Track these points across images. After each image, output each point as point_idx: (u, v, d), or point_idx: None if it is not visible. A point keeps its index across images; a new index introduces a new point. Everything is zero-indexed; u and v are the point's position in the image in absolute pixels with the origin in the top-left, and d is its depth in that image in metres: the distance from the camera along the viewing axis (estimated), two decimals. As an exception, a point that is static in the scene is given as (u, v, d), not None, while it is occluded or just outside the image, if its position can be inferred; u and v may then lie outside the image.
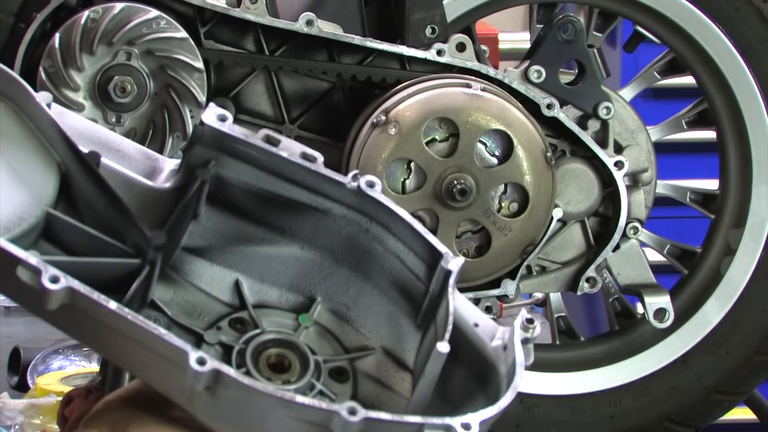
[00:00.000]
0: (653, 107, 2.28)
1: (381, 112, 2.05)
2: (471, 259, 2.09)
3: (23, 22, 2.07)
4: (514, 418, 2.27)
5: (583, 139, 2.18)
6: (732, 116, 2.26)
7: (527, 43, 2.26)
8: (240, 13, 2.08)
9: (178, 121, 2.04)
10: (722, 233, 2.30)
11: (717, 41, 2.23)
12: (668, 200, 2.32)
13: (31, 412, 2.35)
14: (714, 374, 2.28)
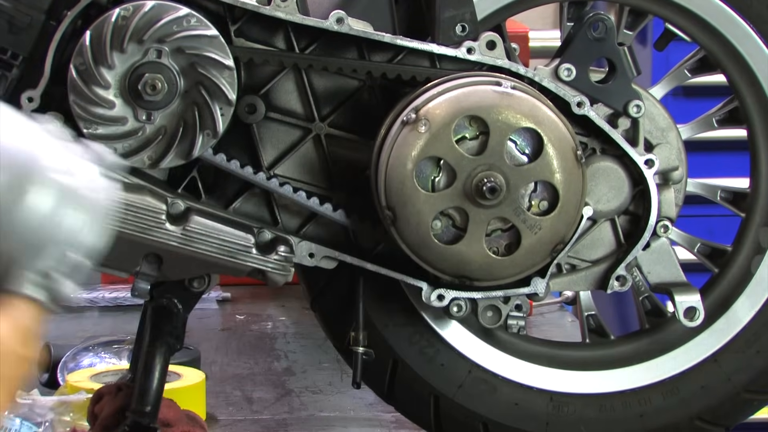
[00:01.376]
0: (684, 105, 2.28)
1: (411, 110, 2.05)
2: (501, 258, 2.09)
3: (54, 19, 2.08)
4: (543, 416, 2.27)
5: (614, 137, 2.18)
6: (763, 114, 2.26)
7: (557, 41, 2.26)
8: (270, 11, 2.09)
9: (209, 118, 2.05)
10: (753, 232, 2.30)
11: (748, 39, 2.23)
12: (699, 198, 2.31)
13: (62, 409, 2.36)
14: (744, 373, 2.28)
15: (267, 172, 2.14)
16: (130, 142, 2.06)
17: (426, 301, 2.16)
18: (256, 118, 2.13)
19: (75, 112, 2.05)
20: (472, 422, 2.27)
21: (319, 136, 2.15)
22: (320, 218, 2.16)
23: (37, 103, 2.06)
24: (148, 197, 2.09)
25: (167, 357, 2.15)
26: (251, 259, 2.12)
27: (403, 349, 2.24)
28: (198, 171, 2.13)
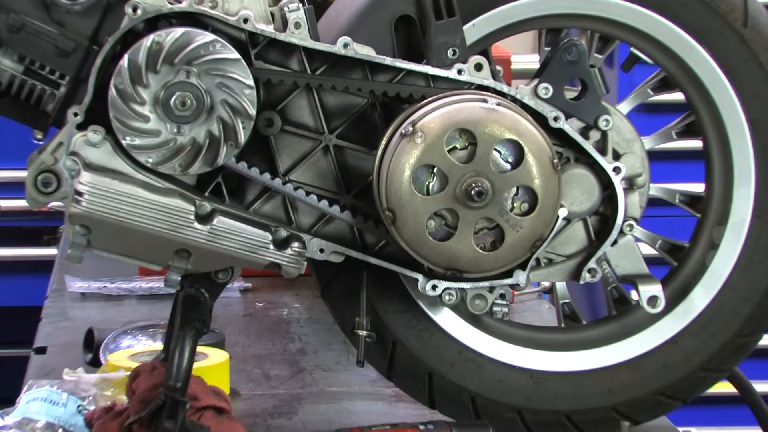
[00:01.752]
0: (646, 120, 2.29)
1: (409, 124, 2.06)
2: (487, 253, 2.09)
3: (96, 44, 2.08)
4: (524, 391, 2.28)
5: (586, 148, 2.18)
6: (716, 128, 2.26)
7: (536, 64, 2.26)
8: (286, 37, 2.09)
9: (232, 131, 2.05)
10: (707, 230, 2.30)
11: (703, 62, 2.23)
12: (660, 201, 2.32)
13: (103, 385, 2.36)
14: (700, 354, 2.29)
15: (283, 177, 2.14)
16: (163, 152, 2.06)
17: (421, 290, 2.16)
18: (273, 131, 2.13)
19: (115, 125, 2.05)
20: (462, 396, 2.27)
21: (328, 146, 2.15)
22: (329, 218, 2.16)
23: (82, 117, 2.06)
24: (178, 200, 2.09)
25: (195, 339, 2.15)
26: (269, 254, 2.12)
27: (401, 333, 2.25)
28: (222, 177, 2.13)
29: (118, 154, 2.07)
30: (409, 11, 2.16)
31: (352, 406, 2.52)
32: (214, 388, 2.29)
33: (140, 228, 2.08)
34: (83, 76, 2.08)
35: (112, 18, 2.09)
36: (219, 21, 2.08)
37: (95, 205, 2.06)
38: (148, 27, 2.07)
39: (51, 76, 2.11)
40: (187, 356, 2.13)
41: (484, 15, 2.20)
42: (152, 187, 2.08)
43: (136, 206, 2.07)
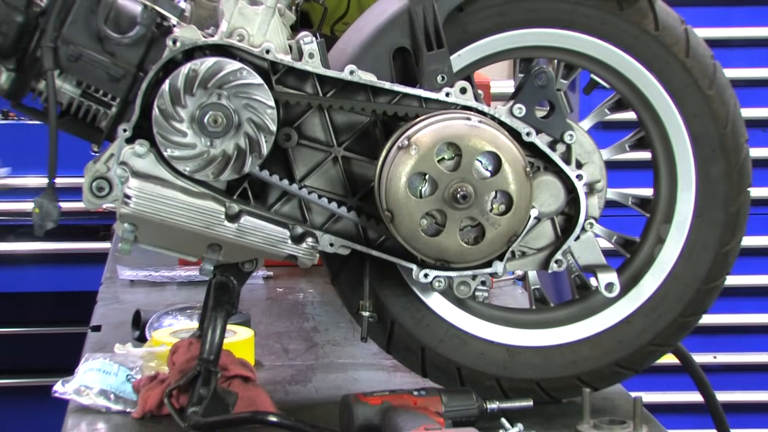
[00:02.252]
0: (604, 135, 2.29)
1: (405, 138, 2.06)
2: (470, 246, 2.09)
3: (142, 71, 2.08)
4: (501, 363, 2.27)
5: (553, 158, 2.18)
6: (663, 142, 2.27)
7: (512, 88, 2.28)
8: (301, 66, 2.09)
9: (256, 144, 2.05)
10: (655, 227, 2.30)
11: (652, 86, 2.23)
12: (615, 203, 2.31)
13: (148, 358, 2.36)
14: (649, 331, 2.29)
15: (299, 183, 2.13)
16: (198, 162, 2.06)
17: (415, 278, 2.15)
18: (291, 144, 2.12)
19: (158, 139, 2.05)
20: (449, 367, 2.27)
21: (337, 157, 2.15)
22: (338, 217, 2.15)
23: (130, 133, 2.06)
24: (211, 202, 2.08)
25: (226, 319, 2.15)
26: (287, 247, 2.12)
27: (398, 313, 2.24)
28: (248, 182, 2.12)
29: (160, 164, 2.07)
30: (404, 43, 2.15)
31: (357, 375, 2.52)
32: (241, 360, 2.29)
33: (179, 226, 2.08)
34: (131, 98, 2.08)
35: (155, 49, 2.09)
36: (245, 52, 2.07)
37: (141, 207, 2.06)
38: (185, 57, 2.06)
39: (104, 98, 2.11)
40: (219, 333, 2.12)
41: (468, 47, 2.20)
42: (189, 192, 2.08)
43: (176, 207, 2.07)
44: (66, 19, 2.07)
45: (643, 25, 2.21)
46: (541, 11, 2.20)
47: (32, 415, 4.73)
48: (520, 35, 2.21)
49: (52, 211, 2.07)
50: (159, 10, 2.09)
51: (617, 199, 2.32)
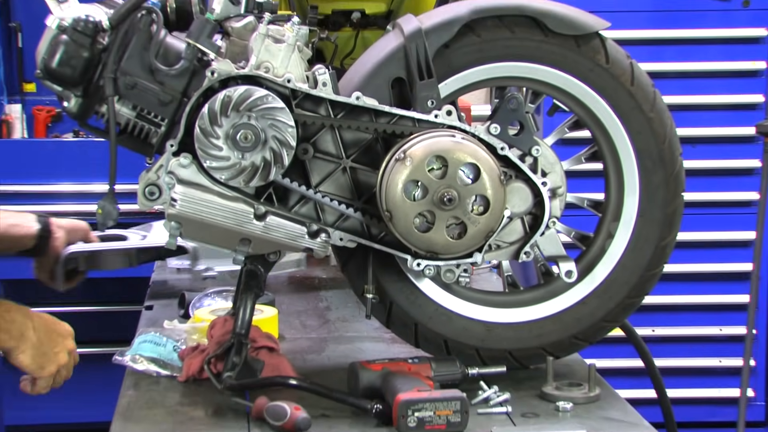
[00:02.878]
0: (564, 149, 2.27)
1: (401, 152, 2.05)
2: (455, 240, 2.08)
3: (186, 97, 2.08)
4: (481, 336, 2.26)
5: (523, 168, 2.18)
6: (612, 155, 2.26)
7: (488, 111, 2.26)
8: (316, 92, 2.09)
9: (279, 157, 2.05)
10: (606, 225, 2.30)
11: (603, 110, 2.23)
12: (573, 205, 2.30)
13: (191, 332, 2.36)
14: (601, 310, 2.27)
15: (314, 189, 2.12)
16: (232, 171, 2.04)
17: (409, 266, 2.14)
18: (308, 157, 2.11)
19: (199, 153, 2.04)
20: (437, 340, 2.25)
21: (346, 167, 2.13)
22: (346, 217, 2.14)
23: (176, 148, 2.05)
24: (242, 204, 2.07)
25: (254, 300, 2.14)
26: (305, 242, 2.11)
27: (395, 295, 2.23)
28: (273, 188, 2.11)
29: (200, 173, 2.06)
30: (401, 74, 2.14)
31: (362, 346, 2.50)
32: (267, 333, 2.28)
33: (216, 224, 2.06)
34: (177, 119, 2.07)
35: (197, 79, 2.07)
36: (270, 81, 2.06)
37: (185, 208, 2.05)
38: (221, 85, 2.05)
39: (155, 119, 2.10)
40: (249, 311, 2.12)
41: (453, 77, 2.18)
42: (224, 195, 2.07)
43: (213, 209, 2.06)
44: (124, 54, 2.06)
45: (596, 59, 2.19)
46: (513, 48, 2.18)
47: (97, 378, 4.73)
48: (495, 68, 2.19)
49: (112, 211, 2.07)
50: (200, 47, 2.08)
51: (575, 202, 2.31)
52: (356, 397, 2.03)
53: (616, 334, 2.43)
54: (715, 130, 4.60)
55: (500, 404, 2.08)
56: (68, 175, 4.76)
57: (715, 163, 4.59)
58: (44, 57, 2.06)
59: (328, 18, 3.34)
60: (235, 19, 2.13)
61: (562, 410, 2.07)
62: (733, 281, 4.63)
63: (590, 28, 2.19)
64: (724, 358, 4.67)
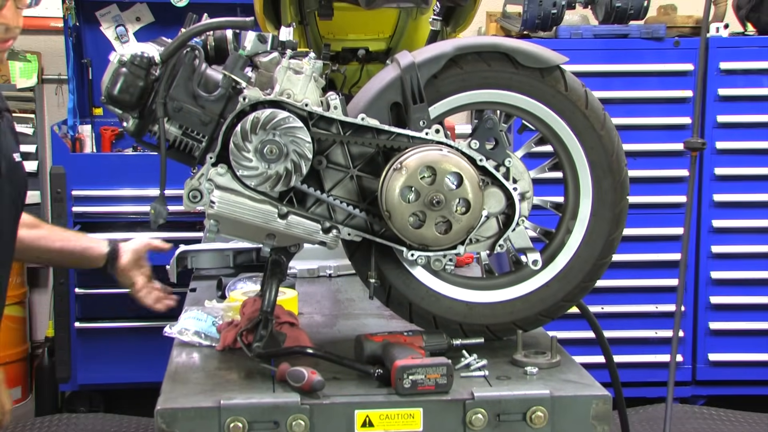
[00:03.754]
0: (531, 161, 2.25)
1: (398, 163, 2.03)
2: (442, 235, 2.06)
3: (223, 118, 2.06)
4: (463, 312, 2.23)
5: (498, 177, 2.16)
6: (570, 165, 2.24)
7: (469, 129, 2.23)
8: (329, 114, 2.07)
9: (298, 167, 2.04)
10: (565, 223, 2.27)
11: (563, 128, 2.21)
12: (538, 206, 2.28)
13: (227, 310, 2.34)
14: (562, 292, 2.25)
15: (327, 193, 2.10)
16: (260, 179, 2.02)
17: (405, 256, 2.12)
18: (322, 167, 2.08)
19: (233, 164, 2.01)
20: (428, 316, 2.22)
21: (353, 175, 2.11)
22: (354, 216, 2.11)
23: (214, 160, 2.03)
24: (268, 206, 2.05)
25: (278, 284, 2.12)
26: (319, 236, 2.08)
27: (394, 280, 2.20)
28: (293, 192, 2.08)
29: (234, 180, 2.03)
30: (398, 99, 2.11)
31: (366, 322, 2.48)
32: (289, 311, 2.25)
33: (247, 221, 2.04)
34: (215, 136, 2.05)
35: (231, 103, 2.05)
36: (291, 105, 2.04)
37: (222, 208, 2.03)
38: (251, 108, 2.03)
39: (197, 137, 2.07)
40: (274, 293, 2.09)
41: (440, 102, 2.15)
42: (253, 198, 2.04)
43: (245, 209, 2.03)
44: (172, 83, 2.04)
45: (557, 87, 2.17)
46: (490, 78, 2.15)
47: (151, 347, 4.70)
48: (475, 94, 2.16)
49: (162, 212, 2.05)
50: (234, 77, 2.06)
51: (540, 204, 2.29)
52: (361, 363, 2.01)
53: (573, 312, 2.41)
54: (652, 145, 4.59)
55: (479, 369, 2.06)
56: (128, 182, 4.77)
57: (652, 172, 4.59)
58: (108, 86, 2.04)
59: (339, 54, 3.31)
60: (262, 54, 2.11)
61: (529, 374, 2.05)
62: (666, 268, 4.63)
63: (552, 62, 2.16)
64: (659, 330, 4.67)
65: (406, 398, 1.90)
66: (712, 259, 4.64)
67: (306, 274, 2.93)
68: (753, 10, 4.72)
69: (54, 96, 5.47)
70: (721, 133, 4.57)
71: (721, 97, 4.55)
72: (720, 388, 4.72)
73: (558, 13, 4.46)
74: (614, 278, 4.54)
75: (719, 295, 4.66)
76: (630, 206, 2.26)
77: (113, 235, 4.65)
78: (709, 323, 4.67)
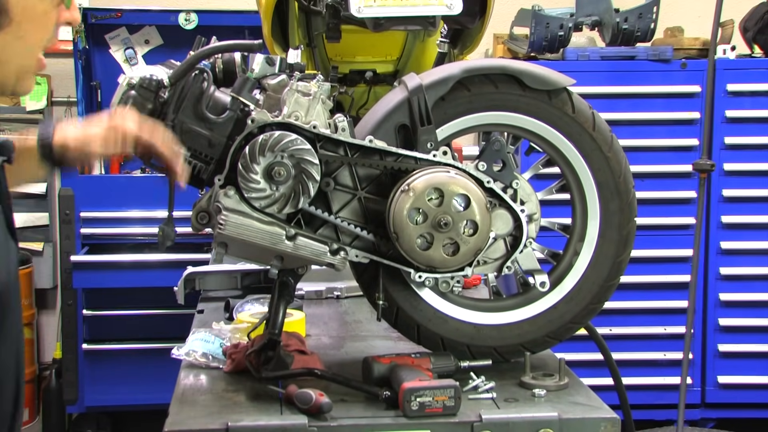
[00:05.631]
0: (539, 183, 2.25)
1: (405, 185, 2.04)
2: (450, 257, 2.06)
3: (231, 140, 2.06)
4: (470, 334, 2.23)
5: (505, 198, 2.16)
6: (577, 187, 2.24)
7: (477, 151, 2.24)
8: (337, 137, 2.07)
9: (306, 189, 2.04)
10: (573, 245, 2.26)
11: (570, 150, 2.21)
12: (546, 228, 2.28)
13: (234, 332, 2.34)
14: (570, 314, 2.25)
15: (335, 215, 2.10)
16: (268, 200, 2.03)
17: (412, 278, 2.11)
18: (330, 189, 2.09)
19: (241, 185, 2.02)
20: (435, 338, 2.22)
21: (360, 197, 2.11)
22: (361, 238, 2.11)
23: (222, 181, 2.03)
24: (276, 228, 2.05)
25: (286, 306, 2.11)
26: (327, 258, 2.08)
27: (401, 302, 2.20)
28: (301, 214, 2.09)
29: (242, 202, 2.04)
30: (405, 121, 2.12)
31: (374, 344, 2.47)
32: (295, 333, 2.25)
33: (254, 243, 2.04)
34: (223, 158, 2.05)
35: (239, 126, 2.06)
36: (299, 127, 2.04)
37: (229, 230, 2.03)
38: (259, 131, 2.03)
39: (205, 158, 2.08)
40: (282, 315, 2.09)
41: (448, 124, 2.16)
42: (261, 220, 2.04)
43: (253, 231, 2.03)
44: (180, 105, 2.05)
45: (564, 109, 2.17)
46: (497, 101, 2.16)
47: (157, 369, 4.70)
48: (482, 116, 2.17)
49: (170, 233, 2.06)
50: (242, 100, 2.07)
51: (547, 226, 2.29)
52: (369, 386, 2.00)
53: (581, 333, 2.40)
54: (660, 167, 4.59)
55: (487, 391, 2.05)
56: (136, 203, 4.78)
57: (660, 194, 4.57)
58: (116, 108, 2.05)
59: (346, 76, 3.33)
60: (270, 77, 2.12)
61: (537, 396, 2.04)
62: (675, 290, 4.60)
63: (560, 84, 2.17)
64: (668, 352, 4.64)
65: (414, 420, 1.90)
66: (720, 280, 4.62)
67: (314, 296, 2.93)
68: (760, 32, 4.73)
69: (63, 118, 5.50)
70: (729, 155, 4.56)
71: (728, 118, 4.55)
72: (729, 411, 4.69)
73: (565, 35, 4.48)
74: (622, 300, 4.52)
75: (728, 317, 4.64)
76: (637, 228, 2.26)
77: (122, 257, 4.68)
78: (718, 345, 4.65)
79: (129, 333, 4.80)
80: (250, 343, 2.15)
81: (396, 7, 2.40)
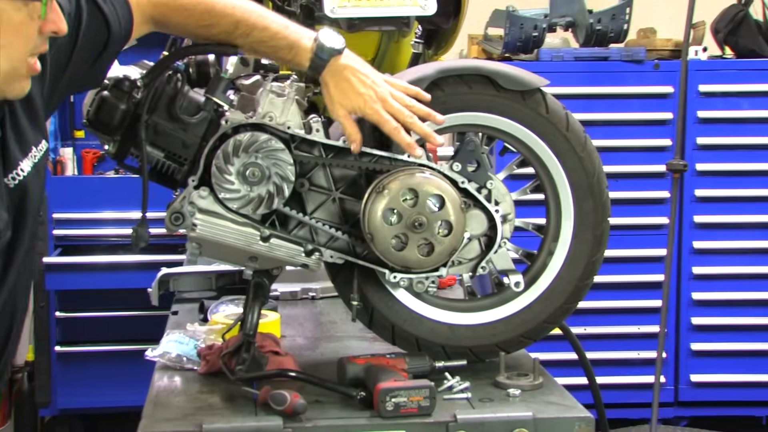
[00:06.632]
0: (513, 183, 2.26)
1: (380, 185, 2.04)
2: (424, 257, 2.06)
3: (205, 141, 2.06)
4: (445, 335, 2.23)
5: (480, 199, 2.16)
6: (551, 187, 2.25)
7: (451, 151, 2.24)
8: (311, 137, 2.07)
9: (281, 190, 2.04)
10: (547, 245, 2.27)
11: (544, 151, 2.22)
12: (520, 228, 2.28)
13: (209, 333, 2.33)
14: (544, 313, 2.25)
15: (309, 216, 2.10)
16: (242, 201, 2.02)
17: (387, 279, 2.12)
18: (304, 189, 2.09)
19: (215, 186, 2.01)
20: (410, 339, 2.22)
21: (335, 198, 2.11)
22: (336, 238, 2.11)
23: (196, 182, 2.03)
24: (250, 228, 2.04)
25: (260, 307, 2.11)
26: (302, 259, 2.08)
27: (376, 302, 2.20)
28: (276, 215, 2.08)
29: (216, 203, 2.03)
30: (380, 123, 2.12)
31: (349, 344, 2.47)
32: (269, 334, 2.25)
33: (229, 244, 2.04)
34: (197, 159, 2.04)
35: (213, 126, 2.06)
36: (273, 128, 2.04)
37: (204, 231, 2.02)
38: (233, 131, 2.03)
39: (179, 159, 2.07)
40: (256, 316, 2.08)
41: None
42: (235, 221, 2.04)
43: (227, 232, 2.03)
44: (154, 106, 2.05)
45: (538, 110, 2.18)
46: (471, 101, 2.17)
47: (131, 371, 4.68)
48: (456, 117, 2.18)
49: (144, 235, 2.05)
50: (216, 100, 2.07)
51: (522, 226, 2.29)
52: (344, 386, 2.00)
53: (556, 333, 2.41)
54: (634, 167, 4.62)
55: (462, 391, 2.05)
56: (110, 204, 4.76)
57: (634, 194, 4.60)
58: (89, 109, 2.04)
59: (321, 77, 3.32)
60: (245, 77, 2.12)
61: (512, 396, 2.05)
62: (648, 289, 4.64)
63: (533, 85, 2.18)
64: (641, 351, 4.67)
65: (389, 421, 1.90)
66: (693, 280, 4.66)
67: (288, 297, 2.92)
68: (731, 33, 4.78)
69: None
70: (701, 155, 4.60)
71: (700, 119, 4.60)
72: (703, 409, 4.73)
73: (539, 36, 4.50)
74: (596, 299, 4.54)
75: (701, 316, 4.68)
76: (611, 227, 2.28)
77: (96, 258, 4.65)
78: (691, 344, 4.68)
79: (102, 335, 4.76)
80: (224, 344, 2.15)
81: (370, 8, 2.40)
